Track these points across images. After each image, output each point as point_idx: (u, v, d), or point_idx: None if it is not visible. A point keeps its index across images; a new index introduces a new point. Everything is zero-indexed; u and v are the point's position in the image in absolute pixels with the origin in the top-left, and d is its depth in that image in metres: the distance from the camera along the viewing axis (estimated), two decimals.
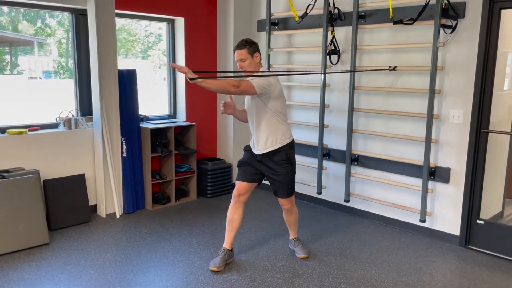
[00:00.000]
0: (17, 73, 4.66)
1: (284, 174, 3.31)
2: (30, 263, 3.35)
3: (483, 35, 3.53)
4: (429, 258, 3.59)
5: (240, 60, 3.21)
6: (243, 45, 3.20)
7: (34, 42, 4.69)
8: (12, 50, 4.62)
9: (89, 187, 4.39)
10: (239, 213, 3.39)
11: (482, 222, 3.75)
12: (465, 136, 3.71)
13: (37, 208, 3.68)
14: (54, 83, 4.83)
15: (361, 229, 4.21)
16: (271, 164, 3.30)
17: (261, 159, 3.31)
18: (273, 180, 3.35)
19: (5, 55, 4.64)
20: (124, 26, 5.17)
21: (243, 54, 3.20)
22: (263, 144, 3.26)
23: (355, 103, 4.34)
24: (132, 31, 5.30)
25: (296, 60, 4.91)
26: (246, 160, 3.39)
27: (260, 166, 3.34)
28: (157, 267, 3.34)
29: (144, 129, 4.60)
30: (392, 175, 4.19)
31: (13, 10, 4.39)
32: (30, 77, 4.72)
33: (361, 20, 4.17)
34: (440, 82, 3.80)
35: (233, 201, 3.39)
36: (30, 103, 4.60)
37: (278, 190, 3.37)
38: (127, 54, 5.33)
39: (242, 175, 3.37)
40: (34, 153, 4.02)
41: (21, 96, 4.62)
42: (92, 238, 3.85)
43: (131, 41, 5.36)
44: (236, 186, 3.38)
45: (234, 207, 3.38)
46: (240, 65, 3.24)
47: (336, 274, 3.28)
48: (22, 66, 4.68)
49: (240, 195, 3.35)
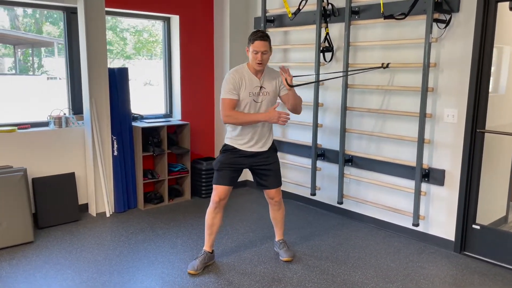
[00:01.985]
0: (41, 74, 4.77)
1: (276, 161, 3.35)
2: (10, 261, 3.35)
3: (479, 30, 3.34)
4: (419, 264, 3.42)
5: (262, 52, 3.05)
6: (266, 36, 3.07)
7: (54, 43, 4.74)
8: (33, 52, 4.71)
9: (80, 186, 4.38)
10: (219, 217, 3.30)
11: (478, 227, 3.56)
12: (460, 136, 3.53)
13: (22, 206, 3.68)
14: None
15: (353, 232, 4.06)
16: (265, 155, 3.27)
17: (255, 153, 3.24)
18: (266, 171, 3.29)
19: (29, 56, 4.77)
20: (146, 27, 5.19)
21: (267, 47, 3.07)
22: (265, 141, 3.27)
23: (349, 101, 4.20)
24: (153, 32, 5.31)
25: (291, 58, 4.80)
26: (226, 162, 3.23)
27: (248, 160, 3.24)
28: (135, 267, 3.29)
29: (135, 128, 4.56)
30: (386, 177, 4.03)
31: (37, 12, 4.45)
32: (49, 78, 4.76)
33: (355, 15, 4.03)
34: (434, 80, 3.62)
35: (213, 206, 3.26)
36: (46, 102, 4.62)
37: (272, 180, 3.32)
38: (151, 55, 5.36)
39: (223, 178, 3.22)
40: (23, 151, 4.02)
41: (40, 95, 4.73)
42: (77, 237, 3.82)
43: (152, 42, 5.36)
44: (217, 191, 3.22)
45: (214, 212, 3.27)
46: (260, 57, 3.05)
47: (317, 279, 3.15)
48: (45, 67, 4.75)
49: (220, 200, 3.23)
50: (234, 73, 3.16)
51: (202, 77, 5.25)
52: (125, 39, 5.29)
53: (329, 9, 4.23)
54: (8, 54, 4.63)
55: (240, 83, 3.12)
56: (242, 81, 3.13)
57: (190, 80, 5.15)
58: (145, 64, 5.35)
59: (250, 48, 3.09)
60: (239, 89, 3.11)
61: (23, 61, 4.80)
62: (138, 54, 5.36)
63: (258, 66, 3.10)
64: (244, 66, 3.20)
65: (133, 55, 5.33)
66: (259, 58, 3.07)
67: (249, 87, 3.15)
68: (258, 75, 3.18)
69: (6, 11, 4.31)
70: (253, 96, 3.16)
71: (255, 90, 3.16)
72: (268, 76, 3.22)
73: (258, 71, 3.17)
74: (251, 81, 3.16)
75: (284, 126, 3.30)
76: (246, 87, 3.13)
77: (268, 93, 3.21)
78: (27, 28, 4.65)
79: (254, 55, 3.08)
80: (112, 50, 5.25)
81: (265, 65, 3.15)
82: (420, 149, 3.61)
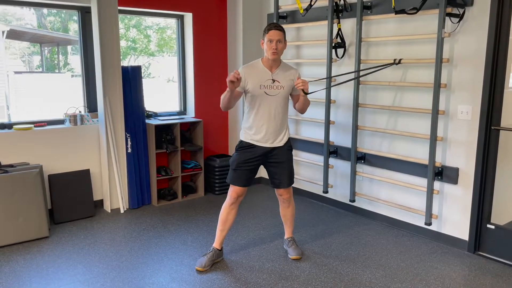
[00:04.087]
0: (67, 71, 4.90)
1: (290, 160, 3.34)
2: (25, 256, 3.44)
3: (493, 24, 3.24)
4: (430, 264, 3.36)
5: (277, 41, 3.05)
6: (280, 27, 3.10)
7: (78, 41, 4.87)
8: (59, 50, 4.84)
9: (95, 183, 4.46)
10: (233, 213, 3.32)
11: (493, 227, 3.46)
12: (474, 133, 3.44)
13: (38, 202, 3.77)
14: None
15: (364, 230, 4.02)
16: (281, 153, 3.26)
17: (271, 150, 3.23)
18: (280, 170, 3.28)
19: (55, 54, 4.92)
20: (168, 24, 5.25)
21: (281, 36, 3.08)
22: (281, 136, 3.25)
23: (362, 98, 4.14)
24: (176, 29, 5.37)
25: (304, 54, 4.76)
26: (243, 161, 3.23)
27: (264, 157, 3.24)
28: (144, 263, 3.33)
29: (149, 126, 4.61)
30: (399, 175, 3.97)
31: (63, 12, 4.57)
32: (73, 75, 4.87)
33: (367, 11, 3.96)
34: (447, 76, 3.54)
35: (229, 201, 3.29)
36: (67, 100, 4.72)
37: (284, 178, 3.30)
38: (174, 52, 5.41)
39: (240, 179, 3.23)
40: (39, 148, 4.13)
41: (62, 92, 4.85)
42: (91, 233, 3.90)
43: (174, 39, 5.40)
44: (234, 189, 3.25)
45: (230, 207, 3.30)
46: (274, 45, 3.04)
47: (324, 277, 3.13)
48: (71, 65, 4.87)
49: (238, 196, 3.27)
50: (245, 67, 3.19)
51: (215, 74, 5.27)
52: (149, 37, 5.36)
53: (341, 5, 4.17)
54: (36, 52, 4.77)
55: (246, 75, 3.12)
56: (250, 73, 3.13)
57: (203, 77, 5.17)
58: (168, 61, 5.39)
59: (265, 39, 3.09)
60: (245, 81, 3.11)
61: (50, 59, 4.92)
62: (162, 51, 5.42)
63: (272, 55, 3.07)
64: (258, 61, 3.21)
65: (156, 52, 5.39)
66: (273, 46, 3.05)
67: (259, 79, 3.12)
68: (272, 69, 3.16)
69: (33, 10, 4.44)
70: (265, 89, 3.13)
71: (267, 83, 3.13)
72: (284, 71, 3.19)
73: (273, 65, 3.15)
74: (263, 74, 3.14)
75: (295, 123, 3.29)
76: (255, 79, 3.12)
77: (282, 87, 3.16)
78: (54, 27, 4.78)
79: (269, 44, 3.06)
80: (136, 48, 5.33)
81: (280, 54, 3.12)
82: (432, 147, 3.53)
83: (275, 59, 3.12)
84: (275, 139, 3.22)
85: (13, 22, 4.46)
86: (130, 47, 5.27)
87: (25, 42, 4.73)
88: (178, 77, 5.24)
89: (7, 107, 4.44)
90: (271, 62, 3.14)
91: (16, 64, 4.64)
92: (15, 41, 4.60)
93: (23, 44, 4.73)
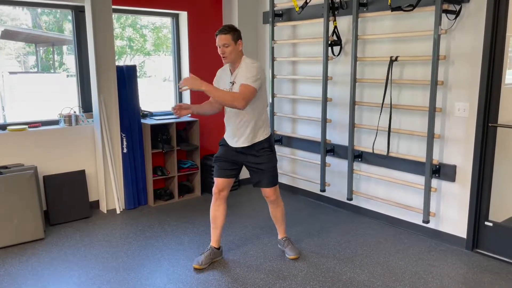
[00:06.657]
0: (63, 71, 4.86)
1: (267, 162, 3.22)
2: (20, 258, 3.41)
3: (490, 20, 3.22)
4: (429, 262, 3.35)
5: (222, 45, 3.04)
6: (226, 30, 3.06)
7: (72, 41, 4.83)
8: (54, 50, 4.80)
9: (91, 183, 4.43)
10: (222, 209, 3.32)
11: (491, 224, 3.45)
12: (471, 130, 3.42)
13: (33, 204, 3.74)
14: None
15: (362, 229, 4.00)
16: (252, 153, 3.20)
17: (241, 150, 3.21)
18: (255, 170, 3.24)
19: (50, 54, 4.87)
20: (164, 23, 5.22)
21: (227, 40, 3.03)
22: (247, 137, 3.16)
23: (358, 96, 4.12)
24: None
25: (300, 52, 4.73)
26: (221, 155, 3.29)
27: (239, 157, 3.24)
28: (141, 265, 3.30)
29: (144, 125, 4.58)
30: (397, 173, 3.95)
31: (58, 12, 4.53)
32: (68, 75, 4.83)
33: (363, 8, 3.94)
34: (444, 73, 3.52)
35: (214, 198, 3.32)
36: (62, 100, 4.66)
37: (261, 179, 3.26)
38: (170, 51, 5.37)
39: (219, 171, 3.29)
40: (34, 149, 4.09)
41: (58, 93, 4.80)
42: (87, 234, 3.87)
43: (170, 38, 5.37)
44: (216, 183, 3.30)
45: (216, 204, 3.32)
46: (222, 50, 3.05)
47: (323, 277, 3.11)
48: (67, 65, 4.83)
49: (220, 191, 3.29)
50: (218, 71, 3.31)
51: (211, 73, 5.18)
52: (145, 36, 5.32)
53: (337, 2, 4.15)
54: (31, 52, 4.73)
55: (218, 79, 3.26)
56: (221, 77, 3.25)
57: (199, 76, 5.08)
58: (165, 60, 5.36)
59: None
60: (218, 86, 3.20)
61: (45, 59, 4.88)
62: (158, 50, 5.39)
63: (223, 60, 3.10)
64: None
65: (152, 51, 5.35)
66: (220, 52, 3.07)
67: (224, 83, 3.20)
68: (233, 71, 3.15)
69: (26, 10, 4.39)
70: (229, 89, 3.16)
71: (228, 86, 3.15)
72: (242, 70, 3.09)
73: (233, 67, 3.14)
74: (227, 77, 3.19)
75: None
76: (222, 83, 3.21)
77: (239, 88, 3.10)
78: (49, 27, 4.73)
79: (218, 50, 3.08)
80: (132, 47, 5.29)
81: (231, 58, 3.07)
82: (430, 144, 3.51)
83: (229, 63, 3.12)
84: (239, 138, 3.18)
85: (8, 22, 4.42)
86: (127, 46, 5.24)
87: (20, 42, 4.68)
88: (173, 76, 5.20)
89: (2, 108, 4.40)
90: (231, 65, 3.15)
91: (11, 65, 4.59)
92: (10, 41, 4.56)
93: (18, 44, 4.68)
